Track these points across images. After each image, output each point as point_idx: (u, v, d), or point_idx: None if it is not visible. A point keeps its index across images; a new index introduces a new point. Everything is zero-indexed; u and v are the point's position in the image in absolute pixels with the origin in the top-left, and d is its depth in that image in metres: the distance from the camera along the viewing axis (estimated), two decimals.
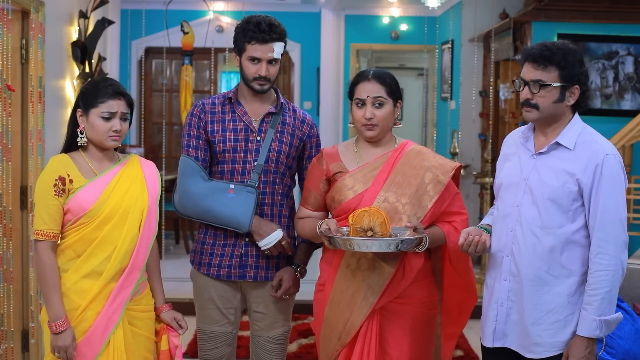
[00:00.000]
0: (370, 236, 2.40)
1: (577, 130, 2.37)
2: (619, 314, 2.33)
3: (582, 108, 2.41)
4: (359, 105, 2.61)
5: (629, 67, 5.86)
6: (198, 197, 2.74)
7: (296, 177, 2.98)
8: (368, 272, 2.55)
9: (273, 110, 2.82)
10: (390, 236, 2.43)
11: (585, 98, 2.39)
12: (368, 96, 2.59)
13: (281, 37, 2.75)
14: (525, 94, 2.37)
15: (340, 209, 2.60)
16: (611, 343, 3.02)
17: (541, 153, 2.40)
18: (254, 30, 2.71)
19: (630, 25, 5.82)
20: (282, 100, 2.87)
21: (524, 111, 2.40)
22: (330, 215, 2.74)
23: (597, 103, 5.90)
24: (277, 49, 2.73)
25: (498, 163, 2.59)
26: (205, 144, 2.80)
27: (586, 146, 2.34)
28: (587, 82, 2.38)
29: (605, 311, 2.28)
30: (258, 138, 2.79)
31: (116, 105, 2.45)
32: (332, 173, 2.66)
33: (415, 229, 2.47)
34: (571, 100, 2.36)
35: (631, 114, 5.57)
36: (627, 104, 5.89)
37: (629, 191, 4.78)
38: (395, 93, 2.63)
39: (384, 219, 2.42)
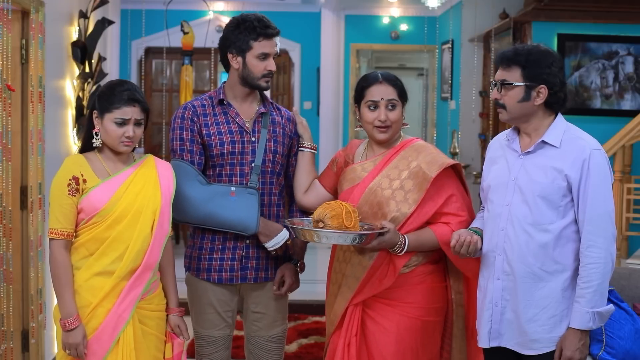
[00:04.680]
0: (321, 228, 2.42)
1: (561, 129, 2.41)
2: (611, 306, 2.36)
3: (561, 107, 2.44)
4: (372, 107, 2.61)
5: (629, 67, 5.87)
6: (198, 202, 2.67)
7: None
8: (349, 265, 2.62)
9: (263, 110, 2.80)
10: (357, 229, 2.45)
11: (559, 98, 2.40)
12: (382, 98, 2.60)
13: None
14: (494, 94, 2.45)
15: (340, 199, 2.67)
16: (611, 343, 3.02)
17: (528, 152, 2.43)
18: (260, 26, 2.69)
19: (630, 25, 5.82)
20: (267, 98, 2.87)
21: (498, 112, 2.47)
22: None
23: (597, 103, 5.90)
24: (279, 43, 2.77)
25: (484, 167, 2.61)
26: (200, 147, 2.74)
27: (572, 143, 2.38)
28: (557, 82, 2.38)
29: (597, 303, 2.31)
30: (253, 139, 2.77)
31: (130, 112, 2.45)
32: (343, 160, 2.77)
33: (383, 228, 2.47)
34: (538, 100, 2.39)
35: (631, 114, 5.57)
36: (627, 104, 5.89)
37: (629, 191, 4.78)
38: (404, 95, 2.66)
39: (342, 213, 2.41)
